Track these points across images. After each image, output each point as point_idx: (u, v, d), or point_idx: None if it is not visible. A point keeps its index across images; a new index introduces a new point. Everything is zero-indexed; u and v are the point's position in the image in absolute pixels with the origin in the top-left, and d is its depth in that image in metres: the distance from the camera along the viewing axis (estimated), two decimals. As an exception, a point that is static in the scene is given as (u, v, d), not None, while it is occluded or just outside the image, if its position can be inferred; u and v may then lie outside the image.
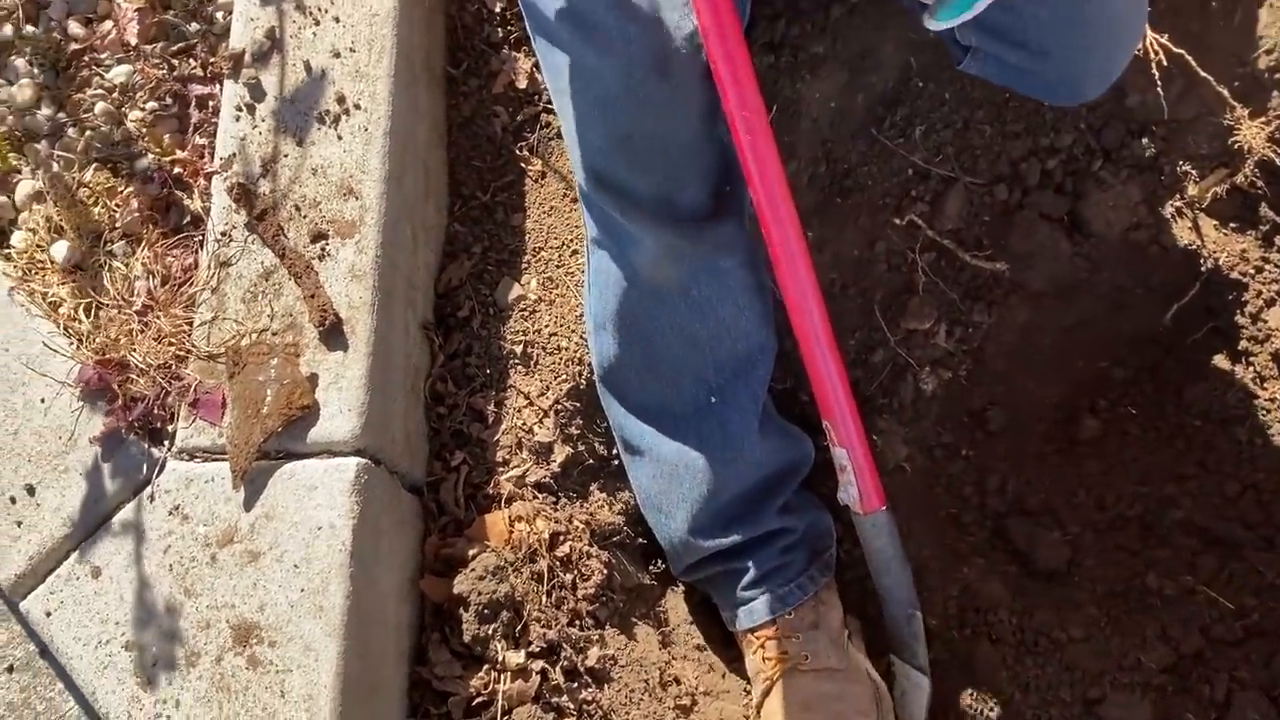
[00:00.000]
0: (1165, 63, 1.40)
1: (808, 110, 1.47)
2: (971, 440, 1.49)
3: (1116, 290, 1.49)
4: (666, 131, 1.13)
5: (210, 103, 1.30)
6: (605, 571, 1.30)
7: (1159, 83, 1.41)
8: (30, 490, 1.16)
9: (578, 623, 1.27)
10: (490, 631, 1.22)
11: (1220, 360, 1.44)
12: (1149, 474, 1.43)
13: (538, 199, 1.45)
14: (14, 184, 1.30)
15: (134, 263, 1.24)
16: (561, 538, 1.30)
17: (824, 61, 1.47)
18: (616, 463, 1.37)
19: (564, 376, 1.37)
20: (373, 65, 1.27)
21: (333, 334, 1.17)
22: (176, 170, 1.28)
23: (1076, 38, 1.08)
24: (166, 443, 1.17)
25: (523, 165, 1.46)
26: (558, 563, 1.28)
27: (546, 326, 1.39)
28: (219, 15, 1.34)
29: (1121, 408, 1.50)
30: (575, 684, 1.24)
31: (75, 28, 1.36)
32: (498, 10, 1.49)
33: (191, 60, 1.32)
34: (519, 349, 1.38)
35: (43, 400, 1.20)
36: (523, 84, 1.46)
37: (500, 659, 1.21)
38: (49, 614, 1.13)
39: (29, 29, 1.35)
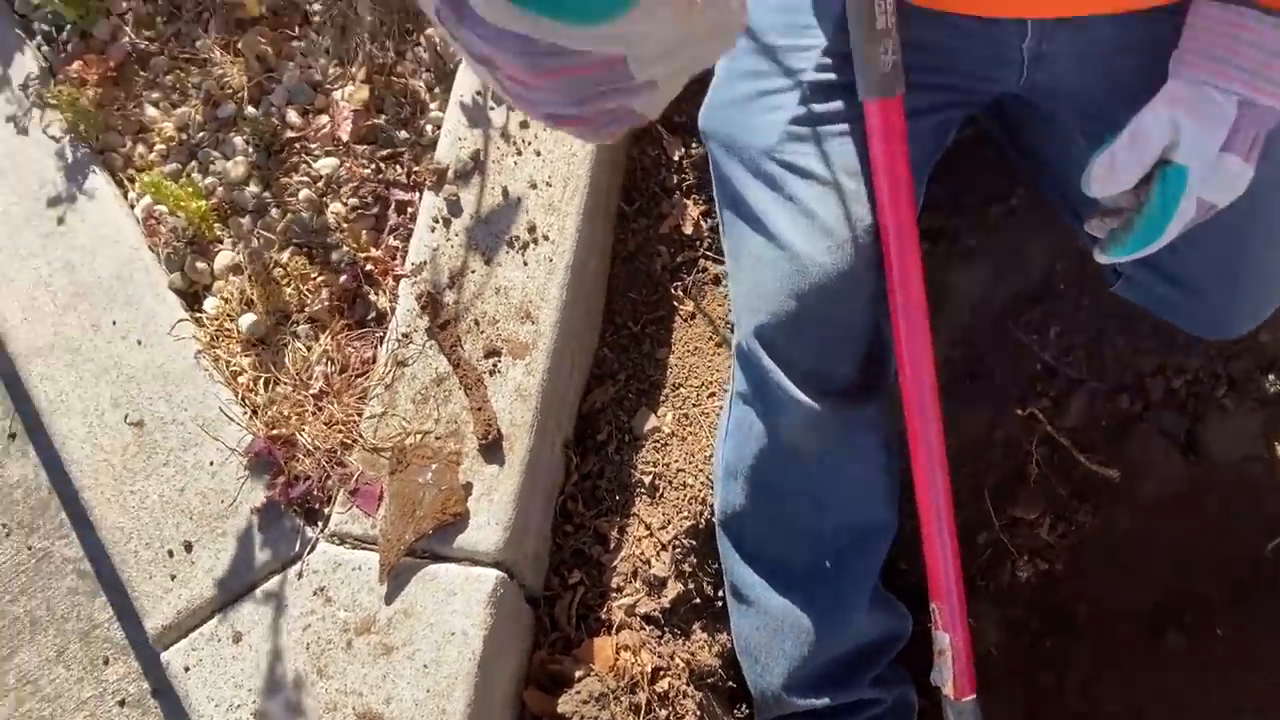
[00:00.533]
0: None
1: (953, 295, 1.54)
2: (1058, 634, 1.52)
3: (1222, 514, 1.53)
4: (835, 314, 1.19)
5: (408, 209, 1.39)
6: (698, 714, 1.35)
7: (1296, 329, 1.46)
8: (188, 547, 1.24)
9: (668, 758, 1.31)
10: (585, 754, 1.26)
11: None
12: (1230, 698, 1.46)
13: (684, 338, 1.53)
14: (215, 253, 1.40)
15: (316, 347, 1.32)
16: (662, 673, 1.35)
17: (975, 253, 1.54)
18: (721, 605, 1.42)
19: (686, 513, 1.43)
20: (565, 201, 1.35)
21: (493, 448, 1.24)
22: (368, 267, 1.36)
23: (1233, 283, 1.14)
24: (320, 524, 1.24)
25: (675, 304, 1.54)
26: (655, 697, 1.33)
27: (675, 461, 1.46)
28: (429, 129, 1.43)
29: (1210, 628, 1.53)
30: (658, 820, 1.28)
31: (293, 116, 1.46)
32: (676, 158, 1.57)
33: (397, 166, 1.42)
34: (647, 479, 1.44)
35: (211, 463, 1.27)
36: (688, 229, 1.55)
37: (591, 783, 1.25)
38: (187, 669, 1.19)
39: (250, 110, 1.46)
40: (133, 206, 1.44)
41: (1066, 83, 1.13)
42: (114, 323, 1.35)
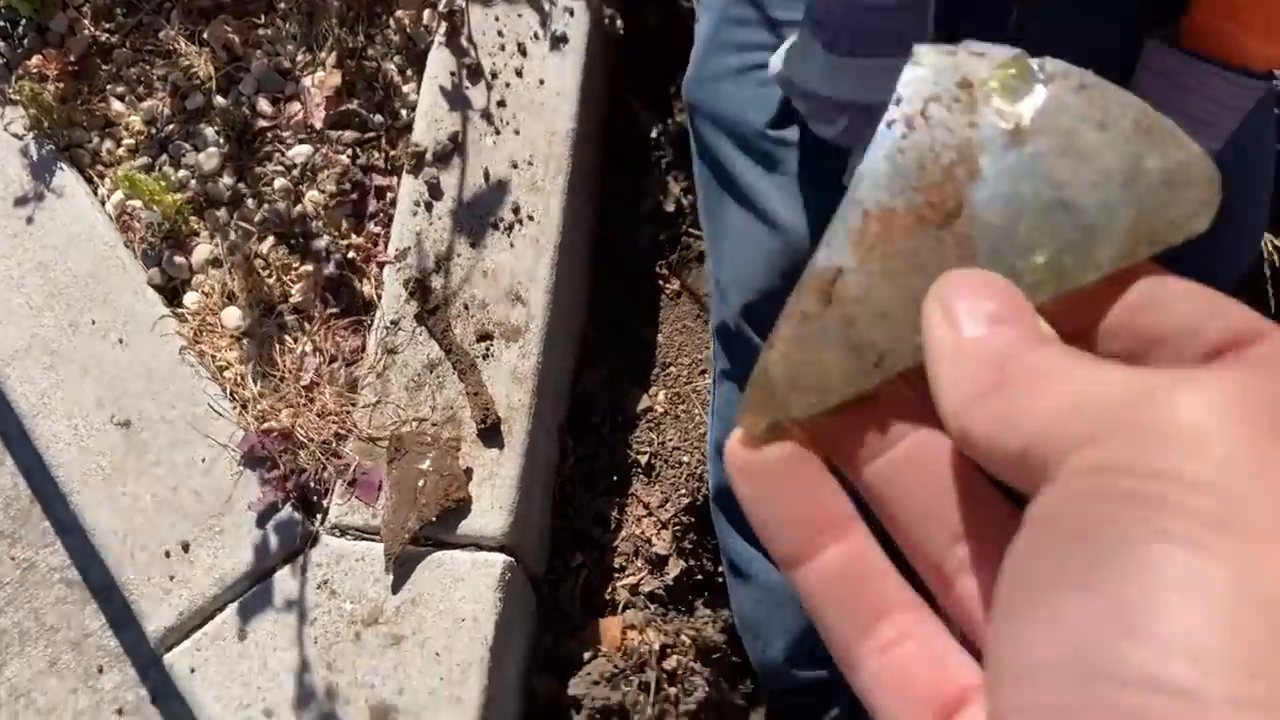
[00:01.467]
0: (1279, 264, 1.48)
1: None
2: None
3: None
4: None
5: (388, 194, 1.37)
6: (707, 689, 1.34)
7: (1269, 280, 1.49)
8: (185, 547, 1.21)
9: (679, 734, 1.31)
10: (597, 735, 1.26)
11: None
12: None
13: (671, 316, 1.52)
14: (192, 247, 1.37)
15: (303, 338, 1.30)
16: (669, 650, 1.34)
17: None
18: (723, 580, 1.42)
19: (684, 490, 1.42)
20: (548, 180, 1.34)
21: (492, 432, 1.23)
22: (351, 254, 1.34)
23: (1208, 278, 1.15)
24: (320, 516, 1.22)
25: (660, 282, 1.53)
26: (664, 675, 1.32)
27: (670, 440, 1.45)
28: (404, 111, 1.41)
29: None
30: (674, 797, 1.27)
31: (264, 105, 1.43)
32: (654, 134, 1.57)
33: (374, 151, 1.39)
34: (643, 459, 1.43)
35: (203, 460, 1.25)
36: (669, 207, 1.54)
37: (605, 763, 1.25)
38: (193, 670, 1.17)
39: (219, 100, 1.42)
40: (104, 203, 1.40)
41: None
42: (93, 322, 1.31)
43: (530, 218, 1.33)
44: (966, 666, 0.29)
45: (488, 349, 1.27)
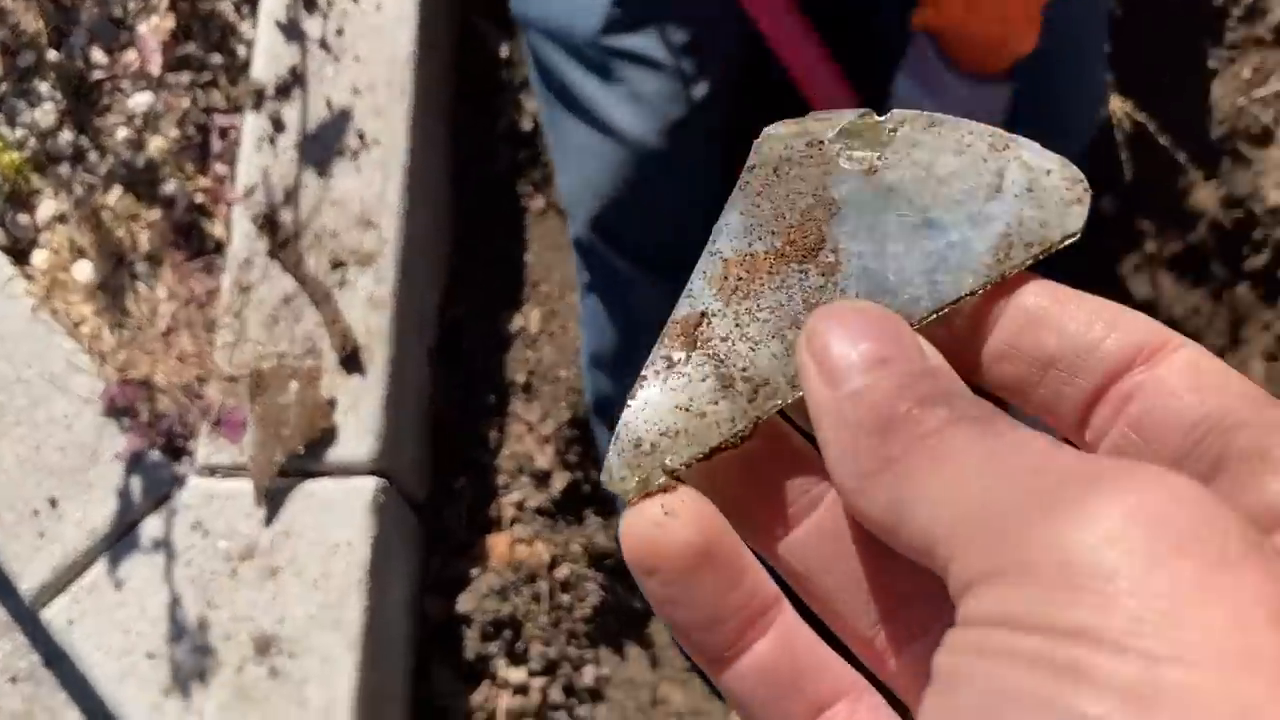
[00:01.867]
0: (1129, 129, 1.51)
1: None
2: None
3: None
4: (674, 193, 1.17)
5: (231, 133, 1.35)
6: (602, 594, 1.36)
7: (1122, 148, 1.52)
8: (53, 503, 1.20)
9: (574, 642, 1.33)
10: (492, 649, 1.27)
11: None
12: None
13: (539, 234, 1.52)
14: (36, 205, 1.34)
15: (157, 285, 1.28)
16: (560, 560, 1.36)
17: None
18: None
19: (564, 404, 1.43)
20: (391, 104, 1.33)
21: (352, 360, 1.22)
22: (199, 197, 1.32)
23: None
24: (188, 460, 1.22)
25: (524, 202, 1.53)
26: (556, 584, 1.34)
27: (546, 357, 1.46)
28: (241, 49, 1.39)
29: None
30: (573, 701, 1.30)
31: (98, 55, 1.40)
32: (504, 55, 1.55)
33: (215, 92, 1.37)
34: (520, 378, 1.44)
35: (65, 416, 1.23)
36: (526, 126, 1.53)
37: (501, 676, 1.26)
38: (71, 622, 1.16)
39: (52, 54, 1.39)
40: (-61, 169, 1.37)
41: None
42: (-62, 289, 1.29)
43: (376, 142, 1.31)
44: None
45: (342, 277, 1.26)
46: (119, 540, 1.19)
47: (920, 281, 0.28)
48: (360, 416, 1.21)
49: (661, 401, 0.28)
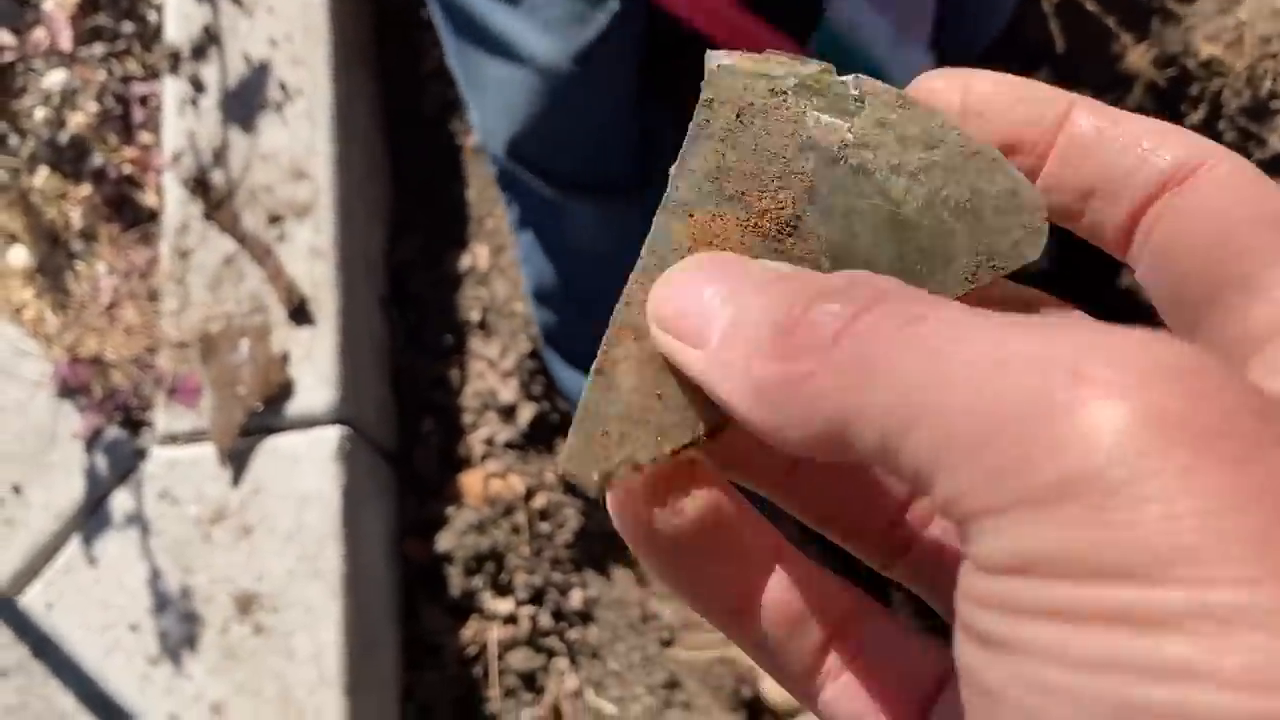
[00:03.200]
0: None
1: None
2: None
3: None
4: (592, 115, 1.13)
5: (152, 100, 1.33)
6: (581, 519, 1.37)
7: (1051, 18, 1.51)
8: (16, 490, 1.19)
9: (559, 568, 1.34)
10: (477, 584, 1.27)
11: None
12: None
13: (478, 171, 1.50)
14: (-38, 195, 1.32)
15: (95, 261, 1.26)
16: (535, 490, 1.36)
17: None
18: (578, 416, 1.44)
19: (522, 337, 1.43)
20: (310, 51, 1.31)
21: (300, 313, 1.21)
22: (127, 168, 1.30)
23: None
24: (148, 431, 1.21)
25: (460, 140, 1.51)
26: (535, 514, 1.34)
27: (499, 293, 1.45)
28: (151, 15, 1.36)
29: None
30: (563, 625, 1.30)
31: (5, 37, 1.37)
32: (422, -8, 1.53)
33: (130, 61, 1.35)
34: (475, 316, 1.43)
35: (18, 402, 1.22)
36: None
37: (489, 608, 1.27)
38: (50, 605, 1.16)
39: (-42, 42, 1.36)
40: None
41: None
42: (-127, 291, 1.27)
43: (299, 92, 1.29)
44: (933, 650, 0.26)
45: (281, 231, 1.25)
46: (88, 518, 1.18)
47: (894, 272, 0.27)
48: (316, 367, 1.20)
49: (626, 379, 0.27)
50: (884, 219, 0.27)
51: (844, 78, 0.28)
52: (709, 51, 0.29)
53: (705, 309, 0.24)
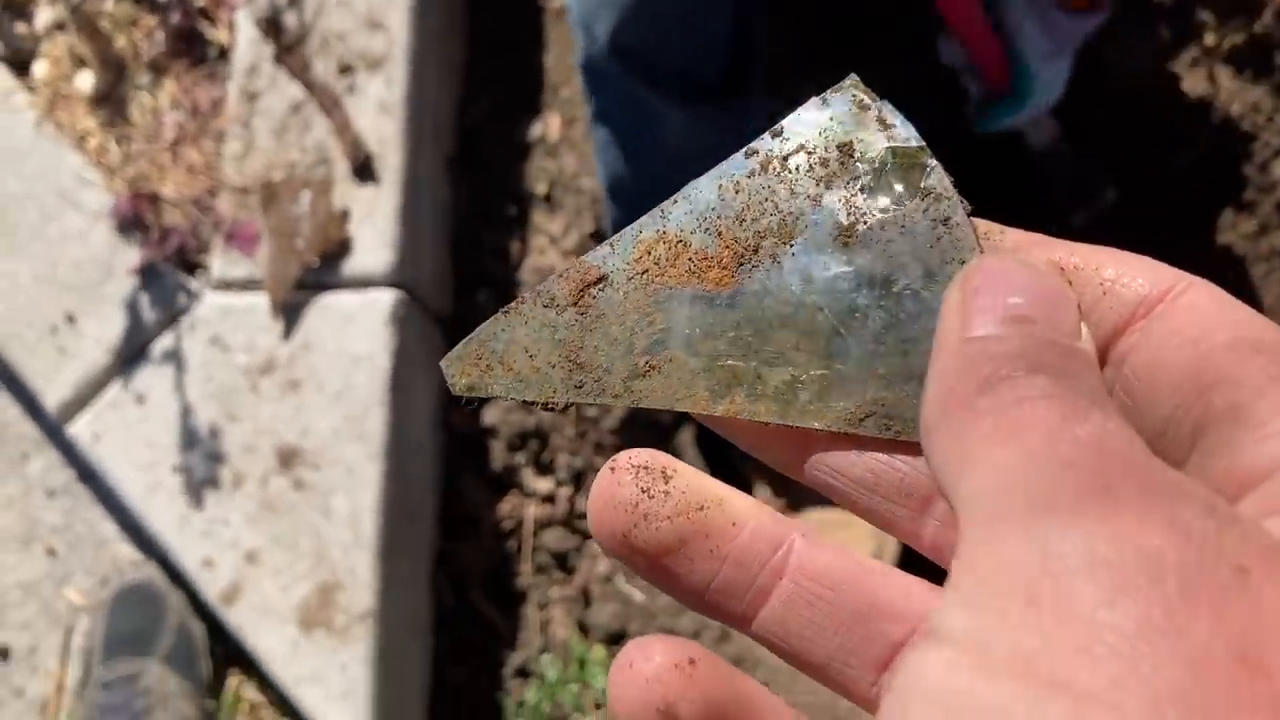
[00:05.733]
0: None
1: None
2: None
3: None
4: (696, 10, 1.10)
5: (231, -69, 1.28)
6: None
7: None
8: (70, 319, 1.19)
9: (601, 454, 1.32)
10: (519, 460, 1.27)
11: (1226, 211, 1.47)
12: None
13: (557, 35, 1.45)
14: (33, 12, 1.29)
15: (162, 95, 1.24)
16: (585, 372, 1.34)
17: None
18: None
19: (586, 217, 1.39)
20: (397, -106, 1.25)
21: (365, 169, 1.18)
22: (200, 1, 1.26)
23: None
24: (202, 274, 1.20)
25: (542, 1, 1.45)
26: (582, 396, 1.32)
27: (569, 166, 1.41)
28: None
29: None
30: (600, 510, 1.30)
31: None
32: None
33: (209, -113, 1.30)
34: (541, 189, 1.39)
35: (78, 232, 1.21)
36: (543, -82, 1.44)
37: (528, 485, 1.26)
38: (97, 436, 1.17)
39: None
40: (-68, -23, 1.32)
41: None
42: (-60, 104, 1.25)
43: (381, -62, 1.24)
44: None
45: (351, 83, 1.21)
46: (138, 356, 1.18)
47: (784, 383, 0.27)
48: (376, 227, 1.17)
49: (520, 335, 0.29)
50: (818, 329, 0.27)
51: (932, 162, 0.27)
52: (852, 74, 0.29)
53: (994, 312, 0.24)
